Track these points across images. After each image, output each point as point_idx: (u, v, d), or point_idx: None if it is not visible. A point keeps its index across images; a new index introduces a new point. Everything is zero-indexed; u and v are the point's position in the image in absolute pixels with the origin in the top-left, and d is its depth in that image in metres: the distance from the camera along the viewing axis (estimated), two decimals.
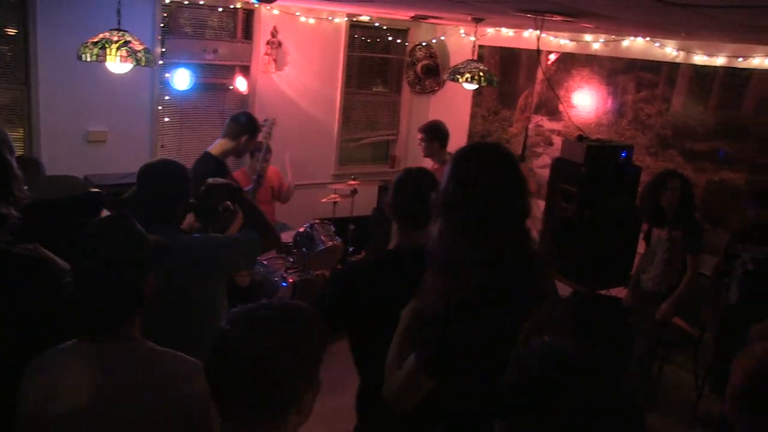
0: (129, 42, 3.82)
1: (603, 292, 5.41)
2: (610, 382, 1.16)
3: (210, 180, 3.03)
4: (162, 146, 6.61)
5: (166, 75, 6.38)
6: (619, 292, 5.32)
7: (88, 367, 1.76)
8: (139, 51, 3.86)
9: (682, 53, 5.73)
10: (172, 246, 2.62)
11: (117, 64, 3.87)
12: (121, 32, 3.90)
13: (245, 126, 4.42)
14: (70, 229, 2.80)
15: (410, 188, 2.51)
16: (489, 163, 2.00)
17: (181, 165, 2.88)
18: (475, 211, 1.94)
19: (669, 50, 5.82)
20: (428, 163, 5.48)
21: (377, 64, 8.14)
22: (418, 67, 8.00)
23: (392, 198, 2.54)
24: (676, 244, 4.75)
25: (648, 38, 5.93)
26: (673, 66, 5.84)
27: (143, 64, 3.91)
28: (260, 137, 4.87)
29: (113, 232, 1.84)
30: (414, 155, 8.38)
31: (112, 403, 1.73)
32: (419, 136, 5.49)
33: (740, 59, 5.32)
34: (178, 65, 6.35)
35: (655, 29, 4.92)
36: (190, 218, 3.11)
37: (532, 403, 1.17)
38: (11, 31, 5.69)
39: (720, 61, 5.47)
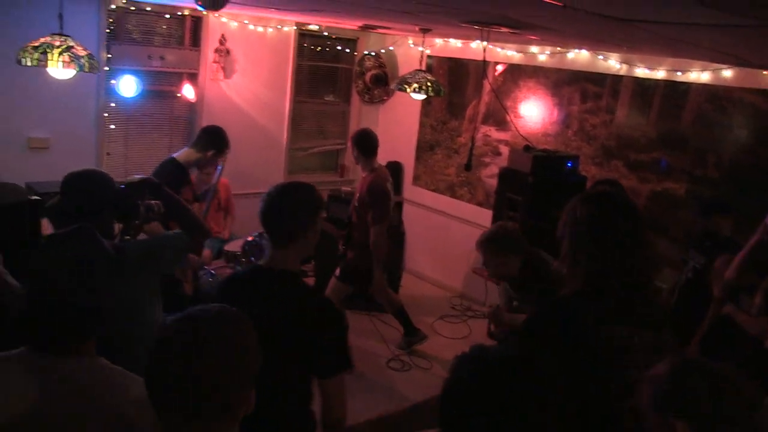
0: (72, 47, 3.76)
1: None
2: (540, 388, 1.18)
3: (128, 178, 3.00)
4: (108, 154, 6.49)
5: (112, 81, 6.28)
6: None
7: (31, 378, 1.72)
8: (83, 57, 3.80)
9: (624, 66, 5.87)
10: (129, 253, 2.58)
11: (59, 70, 3.80)
12: (64, 37, 3.83)
13: (214, 141, 4.44)
14: (8, 236, 2.75)
15: (276, 206, 2.46)
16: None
17: (105, 174, 2.85)
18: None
19: (612, 63, 5.96)
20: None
21: (326, 73, 8.14)
22: (367, 76, 8.03)
23: (261, 213, 2.46)
24: None
25: (592, 51, 6.06)
26: (616, 78, 5.97)
27: (87, 70, 3.84)
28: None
29: (74, 248, 1.79)
30: None
31: (49, 415, 1.69)
32: (349, 143, 5.46)
33: (679, 73, 5.48)
34: (124, 72, 6.26)
35: (599, 42, 5.04)
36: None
37: (464, 406, 1.18)
38: None
39: (660, 74, 5.62)
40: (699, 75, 5.36)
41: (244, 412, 1.48)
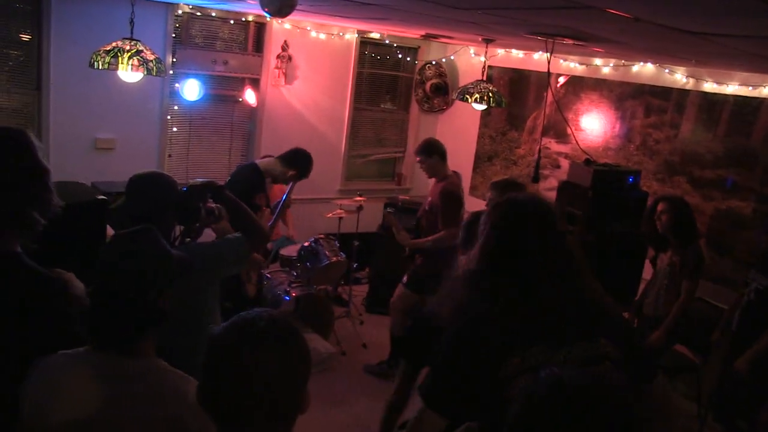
0: (141, 51, 3.84)
1: None
2: (619, 412, 1.15)
3: (191, 181, 3.02)
4: (170, 156, 6.62)
5: (176, 85, 6.41)
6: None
7: (95, 377, 1.75)
8: (151, 60, 3.88)
9: (691, 80, 5.74)
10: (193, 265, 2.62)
11: (128, 73, 3.89)
12: (134, 41, 3.92)
13: (301, 163, 4.57)
14: (75, 236, 2.80)
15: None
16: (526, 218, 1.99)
17: (169, 177, 2.87)
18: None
19: (678, 77, 5.83)
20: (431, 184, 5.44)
21: (386, 81, 8.17)
22: (428, 85, 8.02)
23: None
24: (675, 269, 4.72)
25: (658, 64, 5.94)
26: (682, 92, 5.84)
27: (154, 73, 3.92)
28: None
29: (137, 248, 1.83)
30: (420, 173, 8.39)
31: (112, 416, 1.72)
32: (417, 159, 5.28)
33: (750, 88, 5.32)
34: (188, 76, 6.38)
35: (666, 56, 4.93)
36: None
37: None
38: (25, 37, 5.73)
39: (730, 89, 5.47)
40: None
41: (299, 414, 1.48)
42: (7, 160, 1.99)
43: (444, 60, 8.11)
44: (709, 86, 5.61)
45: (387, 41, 7.73)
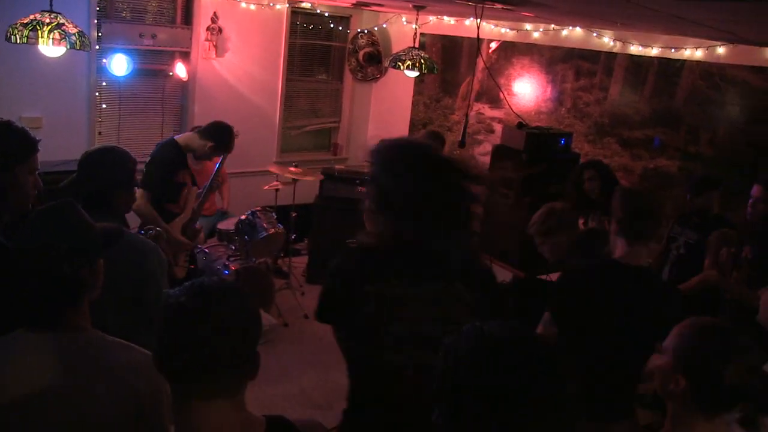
0: (62, 24, 3.72)
1: (543, 277, 5.50)
2: (543, 363, 1.19)
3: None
4: (100, 133, 6.46)
5: (104, 60, 6.23)
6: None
7: (31, 358, 1.73)
8: (74, 34, 3.76)
9: (618, 43, 5.86)
10: (124, 234, 2.56)
11: (50, 48, 3.77)
12: (54, 14, 3.79)
13: (217, 135, 4.37)
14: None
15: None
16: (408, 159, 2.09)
17: (125, 152, 2.78)
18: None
19: (606, 40, 5.94)
20: None
21: (319, 52, 8.10)
22: (360, 54, 7.99)
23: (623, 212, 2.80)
24: (605, 227, 4.82)
25: (586, 28, 6.05)
26: (609, 55, 5.96)
27: (78, 47, 3.81)
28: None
29: (54, 219, 1.80)
30: (356, 143, 8.38)
31: (58, 394, 1.69)
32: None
33: (672, 50, 5.47)
34: (115, 50, 6.21)
35: (592, 19, 5.02)
36: None
37: (466, 387, 1.19)
38: None
39: (654, 51, 5.61)
40: (693, 52, 5.35)
41: (251, 377, 1.50)
42: None
43: (376, 28, 8.08)
44: (635, 49, 5.75)
45: (318, 11, 7.66)
